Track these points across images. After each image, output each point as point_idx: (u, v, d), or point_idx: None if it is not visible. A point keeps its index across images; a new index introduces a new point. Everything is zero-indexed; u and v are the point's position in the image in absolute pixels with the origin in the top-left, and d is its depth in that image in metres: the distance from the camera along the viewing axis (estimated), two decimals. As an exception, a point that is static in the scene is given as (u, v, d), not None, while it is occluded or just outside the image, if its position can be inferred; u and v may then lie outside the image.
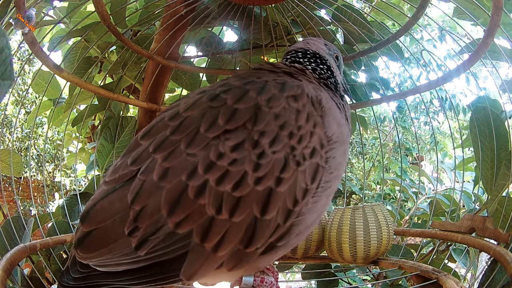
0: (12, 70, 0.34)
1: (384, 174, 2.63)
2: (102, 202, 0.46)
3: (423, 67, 1.42)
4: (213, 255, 0.44)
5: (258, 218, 0.44)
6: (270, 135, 0.46)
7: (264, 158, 0.45)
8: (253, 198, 0.44)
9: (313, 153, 0.48)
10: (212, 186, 0.43)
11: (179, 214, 0.43)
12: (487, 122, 0.87)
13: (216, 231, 0.43)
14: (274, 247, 0.47)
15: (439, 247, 1.04)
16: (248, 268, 0.49)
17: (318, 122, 0.49)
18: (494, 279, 0.71)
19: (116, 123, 1.13)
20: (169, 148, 0.46)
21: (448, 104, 2.52)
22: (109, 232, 0.45)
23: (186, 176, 0.44)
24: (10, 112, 4.04)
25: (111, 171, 0.50)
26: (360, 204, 1.02)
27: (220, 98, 0.48)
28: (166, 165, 0.45)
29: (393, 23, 1.60)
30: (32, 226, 0.87)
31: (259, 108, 0.47)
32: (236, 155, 0.44)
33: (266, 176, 0.44)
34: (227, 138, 0.45)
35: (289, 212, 0.46)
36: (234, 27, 1.17)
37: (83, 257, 0.46)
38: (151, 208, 0.44)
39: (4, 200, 0.87)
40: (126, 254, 0.44)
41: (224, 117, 0.46)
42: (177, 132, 0.47)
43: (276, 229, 0.46)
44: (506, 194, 0.83)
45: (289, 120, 0.47)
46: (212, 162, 0.44)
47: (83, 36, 1.08)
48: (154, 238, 0.44)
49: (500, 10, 0.65)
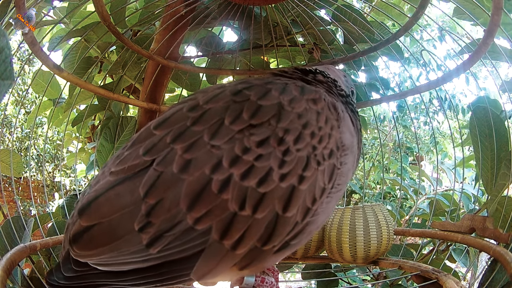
0: (12, 70, 0.34)
1: (384, 174, 2.63)
2: (108, 194, 0.43)
3: (423, 67, 1.42)
4: (231, 253, 0.42)
5: (279, 215, 0.43)
6: (294, 133, 0.46)
7: (289, 155, 0.44)
8: (276, 194, 0.43)
9: (331, 154, 0.48)
10: (236, 181, 0.42)
11: (200, 209, 0.41)
12: (487, 122, 0.87)
13: (237, 227, 0.42)
14: (288, 245, 0.47)
15: (439, 247, 1.04)
16: (258, 267, 0.48)
17: (334, 126, 0.50)
18: (494, 279, 0.71)
19: (116, 123, 1.13)
20: (190, 139, 0.44)
21: (447, 104, 2.51)
22: (115, 227, 0.42)
23: (210, 169, 0.42)
24: (10, 112, 4.04)
25: (117, 161, 0.46)
26: (360, 204, 1.02)
27: (243, 94, 0.48)
28: (188, 157, 0.43)
29: (393, 23, 1.60)
30: (32, 226, 0.87)
31: (282, 107, 0.47)
32: (262, 150, 0.44)
33: (290, 173, 0.44)
34: (252, 133, 0.45)
35: (308, 210, 0.46)
36: (234, 27, 1.17)
37: (81, 254, 0.43)
38: (168, 202, 0.41)
39: (4, 200, 0.87)
40: (135, 252, 0.42)
41: (248, 112, 0.46)
42: (199, 123, 0.45)
43: (295, 227, 0.45)
44: (506, 194, 0.83)
45: (310, 120, 0.47)
46: (238, 156, 0.43)
47: (83, 36, 1.08)
48: (170, 234, 0.41)
49: (500, 10, 0.65)
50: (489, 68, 0.94)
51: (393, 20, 1.12)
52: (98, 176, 0.49)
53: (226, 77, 1.39)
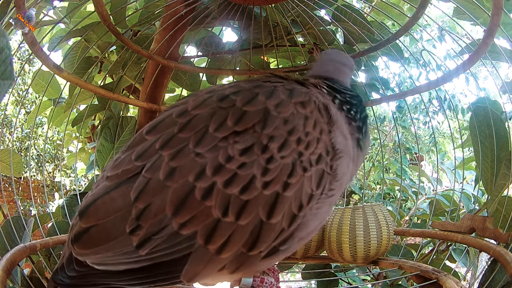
0: (12, 70, 0.34)
1: (384, 174, 2.63)
2: (104, 198, 0.45)
3: (423, 67, 1.42)
4: (216, 257, 0.43)
5: (264, 222, 0.44)
6: (279, 140, 0.45)
7: (273, 163, 0.45)
8: (260, 201, 0.44)
9: (319, 160, 0.48)
10: (219, 189, 0.43)
11: (184, 215, 0.43)
12: (487, 122, 0.87)
13: (221, 233, 0.43)
14: (277, 251, 0.47)
15: (439, 247, 1.04)
16: (249, 270, 0.49)
17: (324, 129, 0.50)
18: (494, 279, 0.71)
19: (116, 123, 1.13)
20: (177, 146, 0.45)
21: (447, 104, 2.51)
22: (110, 229, 0.44)
23: (193, 177, 0.43)
24: (10, 112, 4.04)
25: (112, 166, 0.49)
26: (360, 204, 1.02)
27: (230, 99, 0.48)
28: (174, 164, 0.44)
29: (393, 23, 1.60)
30: (32, 226, 0.87)
31: (268, 112, 0.47)
32: (245, 158, 0.44)
33: (273, 181, 0.44)
34: (236, 141, 0.45)
35: (294, 217, 0.46)
36: (234, 27, 1.17)
37: (80, 253, 0.45)
38: (155, 207, 0.43)
39: (4, 200, 0.87)
40: (127, 253, 0.44)
41: (233, 118, 0.46)
42: (185, 129, 0.46)
43: (280, 233, 0.45)
44: (506, 194, 0.83)
45: (297, 125, 0.47)
46: (221, 165, 0.44)
47: (83, 36, 1.08)
48: (157, 237, 0.43)
49: (500, 10, 0.65)
50: (489, 68, 0.94)
51: (393, 20, 1.12)
52: (98, 180, 0.51)
53: (226, 77, 1.39)
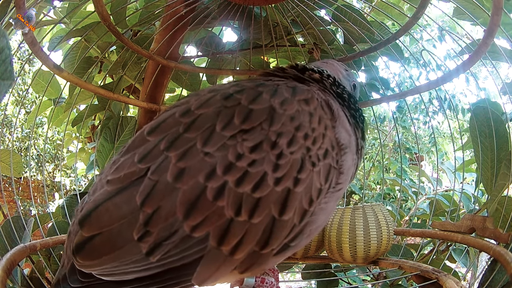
0: (12, 70, 0.34)
1: (384, 174, 2.63)
2: (106, 204, 0.43)
3: (423, 67, 1.42)
4: (229, 258, 0.43)
5: (276, 219, 0.44)
6: (287, 136, 0.46)
7: (283, 158, 0.44)
8: (272, 198, 0.43)
9: (326, 154, 0.48)
10: (231, 188, 0.42)
11: (196, 217, 0.41)
12: (487, 122, 0.87)
13: (234, 233, 0.42)
14: (288, 247, 0.47)
15: (439, 247, 1.04)
16: (259, 269, 0.48)
17: (328, 125, 0.50)
18: (494, 279, 0.71)
19: (116, 123, 1.13)
20: (183, 146, 0.44)
21: (447, 104, 2.51)
22: (115, 237, 0.42)
23: (204, 177, 0.42)
24: (10, 112, 4.04)
25: (112, 169, 0.47)
26: (360, 204, 1.02)
27: (234, 98, 0.48)
28: (182, 165, 0.43)
29: (393, 23, 1.60)
30: (32, 226, 0.87)
31: (273, 110, 0.47)
32: (255, 155, 0.44)
33: (285, 177, 0.44)
34: (245, 139, 0.44)
35: (305, 212, 0.46)
36: (234, 27, 1.17)
37: (84, 265, 0.43)
38: (165, 211, 0.41)
39: (4, 200, 0.87)
40: (136, 261, 0.42)
41: (240, 117, 0.46)
42: (191, 129, 0.45)
43: (292, 229, 0.45)
44: (506, 194, 0.83)
45: (303, 122, 0.47)
46: (231, 163, 0.43)
47: (83, 36, 1.08)
48: (168, 242, 0.41)
49: (500, 10, 0.65)
50: (489, 68, 0.94)
51: (393, 20, 1.12)
52: (96, 184, 0.49)
53: (226, 77, 1.39)
